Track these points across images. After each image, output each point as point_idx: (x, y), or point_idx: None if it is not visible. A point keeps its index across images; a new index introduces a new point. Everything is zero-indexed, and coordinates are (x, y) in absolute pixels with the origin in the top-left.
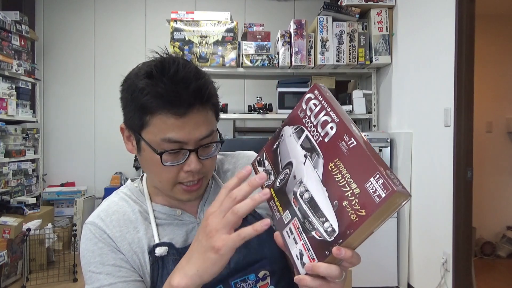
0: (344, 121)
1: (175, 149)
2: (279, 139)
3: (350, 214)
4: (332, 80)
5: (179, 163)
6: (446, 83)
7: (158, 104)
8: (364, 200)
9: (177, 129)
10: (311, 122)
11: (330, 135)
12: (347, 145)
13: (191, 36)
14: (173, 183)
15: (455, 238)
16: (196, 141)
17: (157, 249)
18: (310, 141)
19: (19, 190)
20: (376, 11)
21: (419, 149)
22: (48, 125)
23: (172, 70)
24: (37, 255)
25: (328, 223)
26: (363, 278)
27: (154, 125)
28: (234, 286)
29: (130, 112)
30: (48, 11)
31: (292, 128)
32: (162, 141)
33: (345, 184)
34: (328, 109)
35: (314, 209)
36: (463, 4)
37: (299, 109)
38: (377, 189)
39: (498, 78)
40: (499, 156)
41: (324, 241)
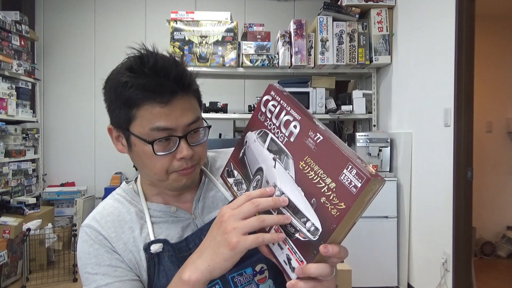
0: (306, 118)
1: (165, 137)
2: (244, 146)
3: (330, 209)
4: (332, 80)
5: (171, 151)
6: (446, 83)
7: (143, 95)
8: (341, 193)
9: (164, 117)
10: (273, 123)
11: (295, 134)
12: (314, 141)
13: (191, 36)
14: (167, 172)
15: (455, 238)
16: (184, 127)
17: (152, 246)
18: (276, 143)
19: (19, 190)
20: (376, 11)
21: (419, 149)
22: (48, 125)
23: (151, 61)
24: (37, 255)
25: (310, 222)
26: (363, 278)
27: (142, 116)
28: (231, 280)
29: (116, 110)
30: (48, 11)
31: (256, 133)
32: (151, 131)
33: (320, 180)
34: (288, 108)
35: (293, 211)
36: (463, 4)
37: (258, 112)
38: (352, 180)
39: (498, 78)
40: (499, 156)
41: (309, 241)
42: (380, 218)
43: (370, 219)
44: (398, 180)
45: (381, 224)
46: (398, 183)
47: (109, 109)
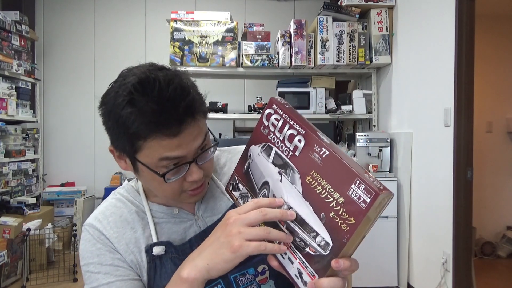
0: (310, 132)
1: (175, 164)
2: (248, 160)
3: (340, 224)
4: (332, 80)
5: (181, 176)
6: (446, 83)
7: (149, 129)
8: (350, 208)
9: (174, 147)
10: (277, 137)
11: (300, 148)
12: (320, 156)
13: (191, 36)
14: (178, 194)
15: (455, 238)
16: (194, 153)
17: (154, 248)
18: (281, 157)
19: (19, 190)
20: (376, 11)
21: (419, 149)
22: (48, 125)
23: (155, 90)
24: (37, 255)
25: (320, 237)
26: (363, 278)
27: (149, 148)
28: (234, 280)
29: (119, 139)
30: (48, 11)
31: (259, 147)
32: (160, 160)
33: (328, 195)
34: (291, 122)
35: (302, 225)
36: (463, 4)
37: (261, 126)
38: (360, 195)
39: (498, 78)
40: (499, 156)
41: (320, 255)
42: (380, 218)
43: None
44: (398, 180)
45: (381, 224)
46: (398, 183)
47: (109, 133)
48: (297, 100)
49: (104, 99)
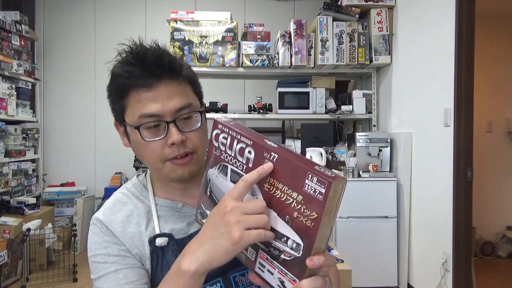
0: (256, 141)
1: (152, 121)
2: (208, 184)
3: (304, 222)
4: (332, 80)
5: (161, 138)
6: (446, 83)
7: (129, 81)
8: (309, 203)
9: (150, 103)
10: (229, 155)
11: (252, 159)
12: (271, 161)
13: (191, 36)
14: (161, 160)
15: (455, 238)
16: (172, 113)
17: (157, 240)
18: (237, 173)
19: (19, 190)
20: (376, 11)
21: (419, 149)
22: (48, 125)
23: (136, 51)
24: (37, 255)
25: (290, 240)
26: (363, 278)
27: (131, 105)
28: (233, 280)
29: (113, 104)
30: (48, 11)
31: (216, 169)
32: (140, 118)
33: (287, 197)
34: (238, 136)
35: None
36: (463, 4)
37: (212, 148)
38: (316, 188)
39: (498, 78)
40: (499, 156)
41: (294, 258)
42: (380, 218)
43: (370, 219)
44: (398, 180)
45: (381, 224)
46: (398, 183)
47: (111, 105)
48: (297, 100)
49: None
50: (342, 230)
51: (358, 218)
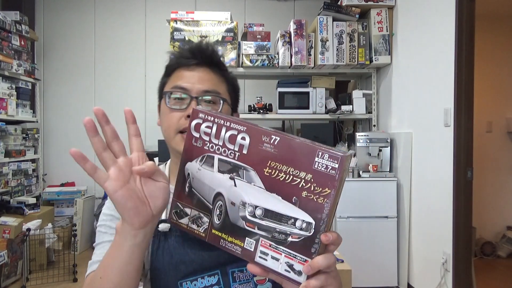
0: (251, 126)
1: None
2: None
3: (315, 199)
4: (332, 80)
5: (181, 108)
6: (446, 83)
7: (174, 62)
8: (320, 179)
9: (185, 79)
10: (216, 144)
11: (247, 145)
12: (272, 144)
13: (191, 36)
14: (175, 130)
15: (455, 238)
16: (199, 91)
17: (161, 225)
18: (227, 162)
19: (19, 190)
20: (376, 11)
21: (419, 149)
22: (48, 125)
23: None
24: (37, 255)
25: (299, 221)
26: (363, 278)
27: (171, 80)
28: (231, 274)
29: (160, 83)
30: (48, 11)
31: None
32: (172, 88)
33: (293, 178)
34: (227, 123)
35: (276, 218)
36: (463, 4)
37: (191, 139)
38: (327, 164)
39: (498, 78)
40: (499, 156)
41: (305, 238)
42: (380, 218)
43: (370, 219)
44: (398, 180)
45: (381, 224)
46: (398, 183)
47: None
48: (297, 100)
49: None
50: (342, 230)
51: (358, 218)
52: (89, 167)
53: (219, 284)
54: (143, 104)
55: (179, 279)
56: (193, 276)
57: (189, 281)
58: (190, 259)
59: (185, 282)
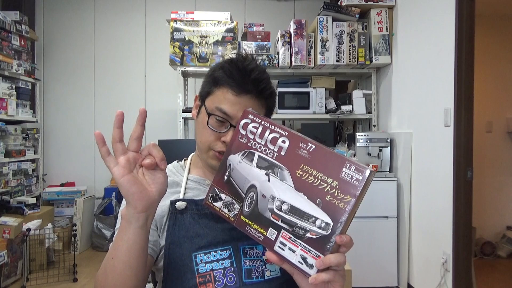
0: (292, 132)
1: (221, 118)
2: (228, 169)
3: (337, 204)
4: (332, 80)
5: (220, 132)
6: (446, 83)
7: (225, 79)
8: (344, 188)
9: (230, 104)
10: (258, 143)
11: (285, 148)
12: (307, 151)
13: (191, 36)
14: (208, 147)
15: (455, 238)
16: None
17: (177, 203)
18: (265, 160)
19: (19, 190)
20: (376, 11)
21: (419, 149)
22: (48, 125)
23: (246, 62)
24: (37, 255)
25: (319, 220)
26: (363, 278)
27: (216, 95)
28: (242, 250)
29: (204, 83)
30: (48, 11)
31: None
32: (216, 109)
33: (321, 182)
34: (271, 127)
35: (299, 214)
36: (463, 4)
37: (238, 136)
38: (353, 175)
39: (498, 78)
40: (499, 156)
41: (322, 236)
42: (380, 218)
43: (370, 219)
44: (398, 180)
45: (381, 224)
46: (398, 183)
47: (203, 82)
48: (297, 100)
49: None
50: None
51: (358, 218)
52: (104, 150)
53: (230, 258)
54: (143, 104)
55: (193, 251)
56: (206, 249)
57: (203, 253)
58: (205, 232)
59: (199, 254)
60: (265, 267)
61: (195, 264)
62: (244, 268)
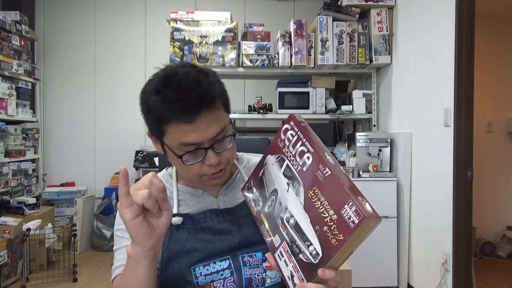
0: (318, 152)
1: (192, 150)
2: (263, 167)
3: (330, 238)
4: (332, 80)
5: (199, 160)
6: (446, 83)
7: (168, 116)
8: (341, 225)
9: (191, 133)
10: (290, 151)
11: (308, 165)
12: (323, 175)
13: (191, 36)
14: (199, 176)
15: (455, 238)
16: (210, 140)
17: (173, 219)
18: (291, 170)
19: (19, 190)
20: (376, 11)
21: (419, 149)
22: (48, 125)
23: (174, 82)
24: (37, 255)
25: (312, 246)
26: (363, 278)
27: (171, 133)
28: (241, 259)
29: (150, 124)
30: (48, 11)
31: (274, 157)
32: (180, 145)
33: (324, 211)
34: (303, 139)
35: (300, 233)
36: (463, 4)
37: (278, 139)
38: (351, 216)
39: (498, 78)
40: (499, 156)
41: (310, 263)
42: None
43: None
44: (398, 180)
45: (381, 224)
46: (398, 183)
47: (145, 120)
48: (297, 100)
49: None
50: None
51: None
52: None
53: (230, 268)
54: None
55: (192, 265)
56: (205, 262)
57: (202, 266)
58: (203, 246)
59: (197, 267)
60: (266, 274)
61: (194, 277)
62: (245, 277)
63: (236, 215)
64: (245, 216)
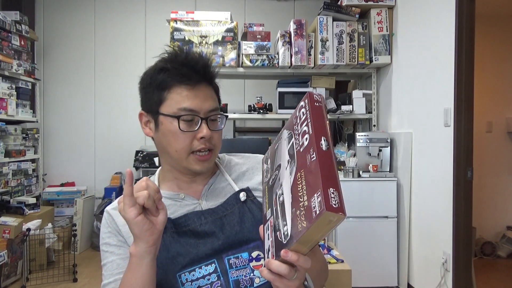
0: (314, 134)
1: (189, 117)
2: (279, 141)
3: (298, 222)
4: (332, 80)
5: (194, 130)
6: (446, 83)
7: (174, 79)
8: (307, 213)
9: (191, 99)
10: (297, 130)
11: (304, 146)
12: (310, 159)
13: (191, 36)
14: (188, 152)
15: (455, 238)
16: (206, 112)
17: None
18: (293, 148)
19: (19, 190)
20: (376, 11)
21: (419, 149)
22: (48, 125)
23: (183, 55)
24: (37, 255)
25: (286, 227)
26: (363, 278)
27: (171, 98)
28: (227, 262)
29: (149, 94)
30: (48, 11)
31: (287, 133)
32: (179, 110)
33: (302, 195)
34: (309, 119)
35: (282, 212)
36: (463, 4)
37: (294, 115)
38: (316, 206)
39: (498, 78)
40: (499, 156)
41: (281, 242)
42: (380, 218)
43: (370, 219)
44: (398, 180)
45: (381, 224)
46: (398, 183)
47: (143, 95)
48: (297, 100)
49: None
50: (342, 230)
51: (358, 218)
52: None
53: (216, 271)
54: None
55: (177, 272)
56: (190, 267)
57: (187, 272)
58: (186, 250)
59: (183, 273)
60: (254, 274)
61: (180, 284)
62: (232, 279)
63: (219, 215)
64: (228, 215)
